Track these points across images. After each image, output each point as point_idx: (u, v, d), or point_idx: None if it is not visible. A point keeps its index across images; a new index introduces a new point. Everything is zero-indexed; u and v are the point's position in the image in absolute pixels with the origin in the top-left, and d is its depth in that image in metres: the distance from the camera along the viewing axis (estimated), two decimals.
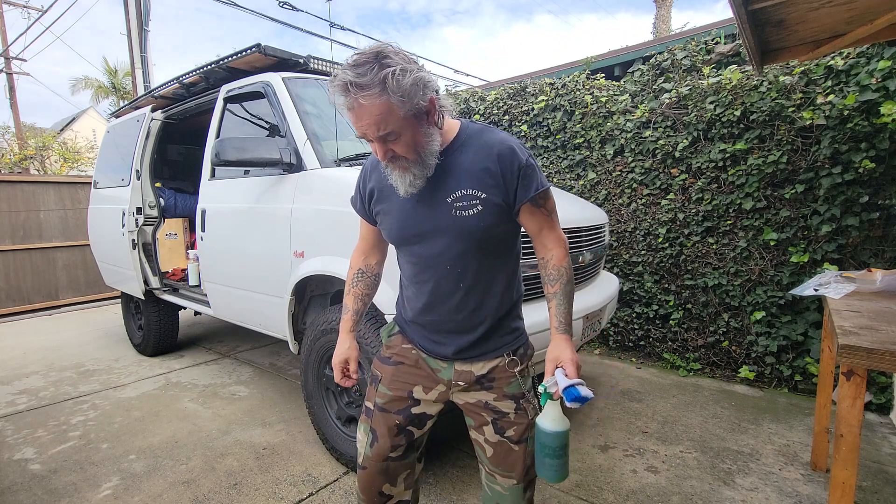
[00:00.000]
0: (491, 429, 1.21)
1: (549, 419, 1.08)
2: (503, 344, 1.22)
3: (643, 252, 3.60)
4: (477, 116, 4.56)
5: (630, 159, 3.61)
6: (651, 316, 3.62)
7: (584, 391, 1.04)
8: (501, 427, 1.20)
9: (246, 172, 2.65)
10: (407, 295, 1.28)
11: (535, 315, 1.97)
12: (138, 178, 3.69)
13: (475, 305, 1.19)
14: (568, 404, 1.03)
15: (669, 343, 3.57)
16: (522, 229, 1.22)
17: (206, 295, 3.09)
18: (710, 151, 3.19)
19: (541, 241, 1.19)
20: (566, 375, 1.07)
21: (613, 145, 3.69)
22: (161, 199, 3.93)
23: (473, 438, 1.26)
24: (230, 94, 2.85)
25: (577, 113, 3.87)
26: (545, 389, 1.08)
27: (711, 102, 3.16)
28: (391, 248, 1.34)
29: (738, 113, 3.03)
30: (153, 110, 3.72)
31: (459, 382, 1.23)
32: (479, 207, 1.09)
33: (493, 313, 1.20)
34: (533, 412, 1.21)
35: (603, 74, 4.13)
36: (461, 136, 1.13)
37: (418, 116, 1.01)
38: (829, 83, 2.78)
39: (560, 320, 1.15)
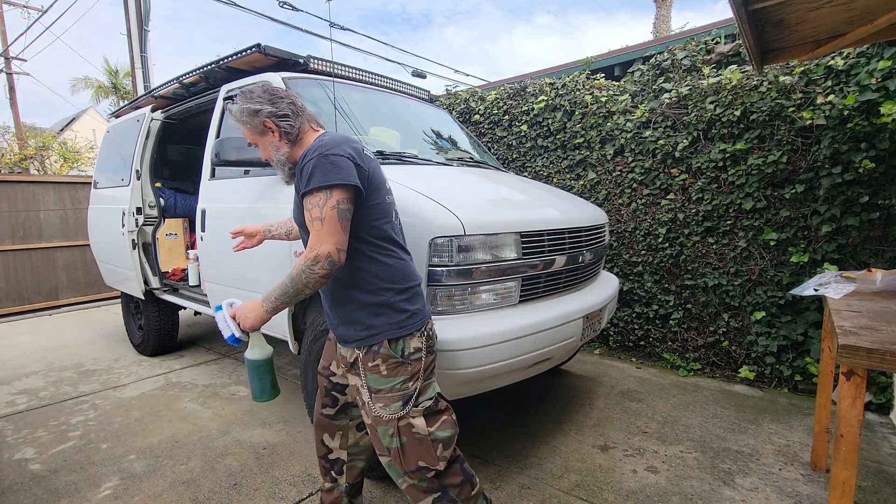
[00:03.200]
0: (362, 411, 1.42)
1: (250, 346, 1.43)
2: (356, 338, 1.37)
3: (643, 252, 3.60)
4: (477, 116, 4.57)
5: (630, 159, 3.61)
6: (651, 316, 3.62)
7: (218, 316, 1.40)
8: (366, 412, 1.40)
9: (246, 172, 2.65)
10: None
11: (524, 318, 1.97)
12: (138, 178, 3.68)
13: (325, 289, 1.42)
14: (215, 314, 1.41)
15: (669, 343, 3.57)
16: (372, 236, 1.35)
17: (206, 295, 3.09)
18: (710, 151, 3.19)
19: None
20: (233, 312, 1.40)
21: (613, 145, 3.69)
22: (161, 199, 3.93)
23: None
24: (230, 94, 2.84)
25: (577, 113, 3.87)
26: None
27: (711, 102, 3.16)
28: None
29: (738, 113, 3.02)
30: (153, 110, 3.71)
31: (343, 365, 1.49)
32: (293, 205, 1.39)
33: (337, 303, 1.40)
34: (384, 410, 1.34)
35: (603, 74, 4.13)
36: (311, 145, 1.35)
37: (261, 133, 1.41)
38: (829, 83, 2.78)
39: (267, 292, 1.32)
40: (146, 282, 3.71)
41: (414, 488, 1.37)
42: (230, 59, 2.77)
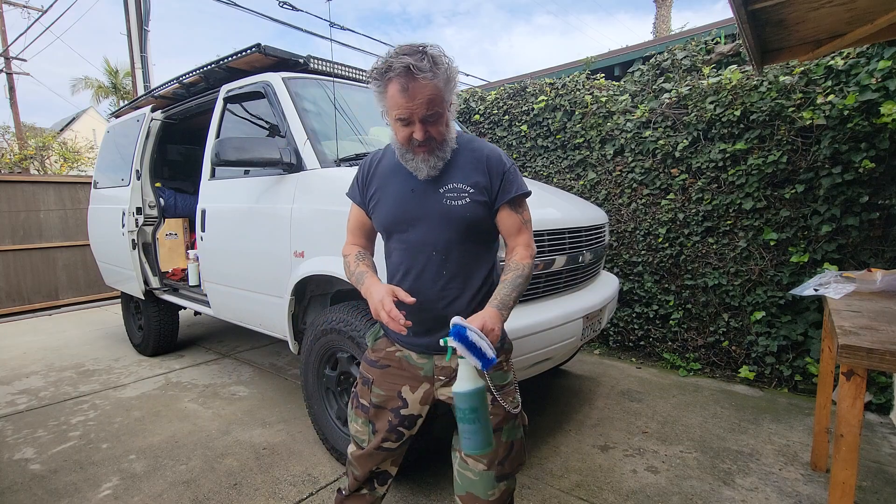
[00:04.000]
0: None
1: (458, 379, 1.05)
2: None
3: (643, 252, 3.60)
4: (477, 116, 4.57)
5: (630, 159, 3.61)
6: (651, 316, 3.62)
7: (474, 336, 1.00)
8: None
9: (246, 172, 2.65)
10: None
11: (523, 318, 1.97)
12: (138, 178, 3.68)
13: (455, 295, 1.27)
14: (451, 339, 1.01)
15: (669, 343, 3.57)
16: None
17: (206, 295, 3.09)
18: (710, 151, 3.19)
19: (514, 241, 1.30)
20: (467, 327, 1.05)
21: (613, 145, 3.69)
22: (161, 199, 3.93)
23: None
24: (230, 94, 2.85)
25: (577, 113, 3.87)
26: (446, 343, 1.03)
27: (711, 102, 3.16)
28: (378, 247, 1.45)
29: (738, 113, 3.02)
30: (153, 110, 3.71)
31: (440, 377, 1.31)
32: (467, 199, 1.23)
33: (470, 305, 1.28)
34: (511, 405, 1.27)
35: (603, 74, 4.13)
36: (457, 140, 1.30)
37: (449, 105, 1.20)
38: (829, 83, 2.78)
39: (497, 298, 1.19)
40: (146, 282, 3.71)
41: (505, 493, 1.30)
42: (230, 59, 2.77)
